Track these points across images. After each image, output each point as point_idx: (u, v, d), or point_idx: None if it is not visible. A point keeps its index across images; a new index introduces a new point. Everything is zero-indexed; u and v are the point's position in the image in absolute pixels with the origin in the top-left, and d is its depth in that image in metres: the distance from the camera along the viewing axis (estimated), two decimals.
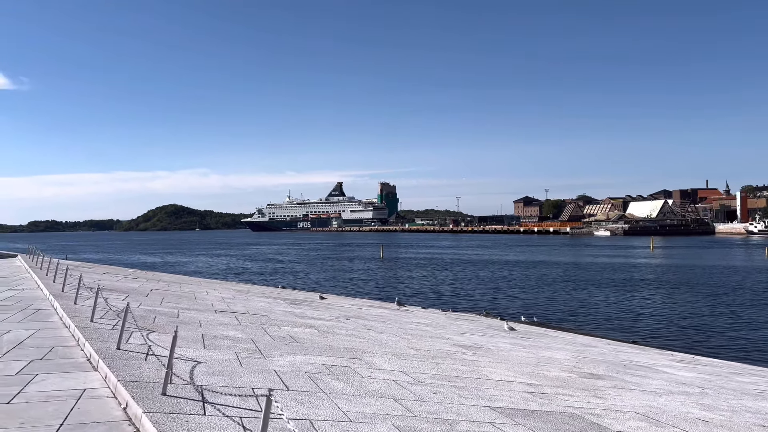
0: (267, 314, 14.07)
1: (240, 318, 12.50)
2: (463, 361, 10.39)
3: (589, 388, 9.28)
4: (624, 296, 34.88)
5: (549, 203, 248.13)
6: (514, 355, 12.40)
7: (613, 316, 28.19)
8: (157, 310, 11.94)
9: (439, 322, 18.78)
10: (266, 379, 6.70)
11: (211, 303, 15.21)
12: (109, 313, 10.26)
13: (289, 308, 16.62)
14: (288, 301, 19.22)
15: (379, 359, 9.31)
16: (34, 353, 7.52)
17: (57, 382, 6.18)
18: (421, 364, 9.28)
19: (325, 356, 8.86)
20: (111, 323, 9.47)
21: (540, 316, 27.27)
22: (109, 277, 20.00)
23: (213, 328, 10.46)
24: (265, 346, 9.07)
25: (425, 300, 32.85)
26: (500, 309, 30.01)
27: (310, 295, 25.27)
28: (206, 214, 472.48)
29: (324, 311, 17.27)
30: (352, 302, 24.01)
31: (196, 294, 17.49)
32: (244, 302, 16.84)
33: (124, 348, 7.49)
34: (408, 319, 18.59)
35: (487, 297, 34.85)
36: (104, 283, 17.31)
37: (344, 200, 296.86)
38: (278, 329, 11.44)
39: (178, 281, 22.67)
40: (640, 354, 16.94)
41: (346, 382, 7.12)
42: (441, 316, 21.74)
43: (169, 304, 13.41)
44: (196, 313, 12.44)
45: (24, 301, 12.42)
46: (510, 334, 17.74)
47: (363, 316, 17.49)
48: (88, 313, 10.22)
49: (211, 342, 8.83)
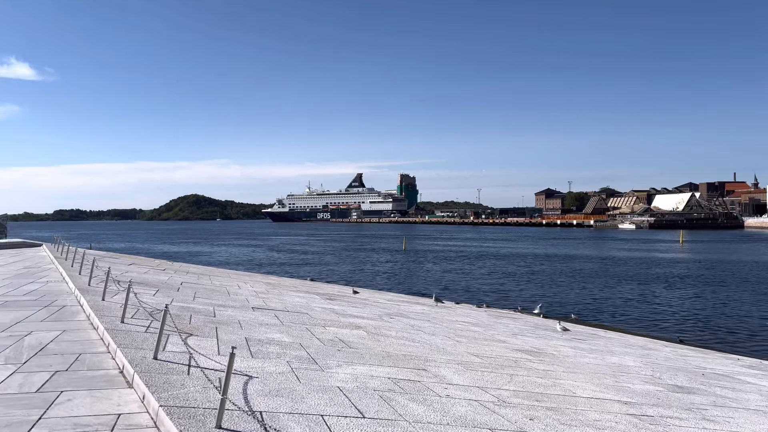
0: (306, 312, 12.99)
1: (280, 316, 11.42)
2: (535, 371, 9.19)
3: (689, 406, 8.03)
4: (658, 292, 33.32)
5: (571, 196, 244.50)
6: (582, 362, 11.16)
7: (650, 313, 26.80)
8: (191, 308, 10.90)
9: (483, 321, 17.57)
10: (333, 401, 5.56)
11: (246, 298, 14.18)
12: (140, 312, 9.23)
13: (327, 305, 15.53)
14: (323, 296, 18.15)
15: (446, 370, 8.15)
16: (59, 362, 6.48)
17: (86, 404, 5.11)
18: (494, 377, 8.09)
19: (387, 366, 7.72)
20: (144, 324, 8.42)
21: (577, 312, 25.98)
22: (137, 268, 19.09)
23: (255, 329, 9.38)
24: (318, 353, 7.95)
25: (454, 293, 31.66)
26: (531, 303, 28.72)
27: (341, 289, 24.19)
28: (227, 204, 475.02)
29: (363, 308, 16.15)
30: (386, 297, 22.88)
31: (228, 288, 16.48)
32: (278, 297, 15.79)
33: (161, 357, 6.41)
34: (451, 317, 17.40)
35: (517, 291, 33.54)
36: (132, 275, 16.39)
37: (364, 191, 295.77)
38: (324, 330, 10.33)
39: (207, 273, 21.73)
40: (707, 359, 15.59)
41: (424, 404, 5.96)
42: (482, 314, 20.52)
43: (202, 300, 12.38)
44: (233, 310, 11.38)
45: (48, 296, 11.46)
46: (563, 335, 16.47)
47: (404, 313, 16.34)
48: (117, 311, 9.20)
49: (258, 348, 7.73)
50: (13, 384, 5.62)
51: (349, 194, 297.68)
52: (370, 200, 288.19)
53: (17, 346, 7.19)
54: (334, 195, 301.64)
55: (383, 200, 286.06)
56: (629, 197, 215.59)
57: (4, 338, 7.59)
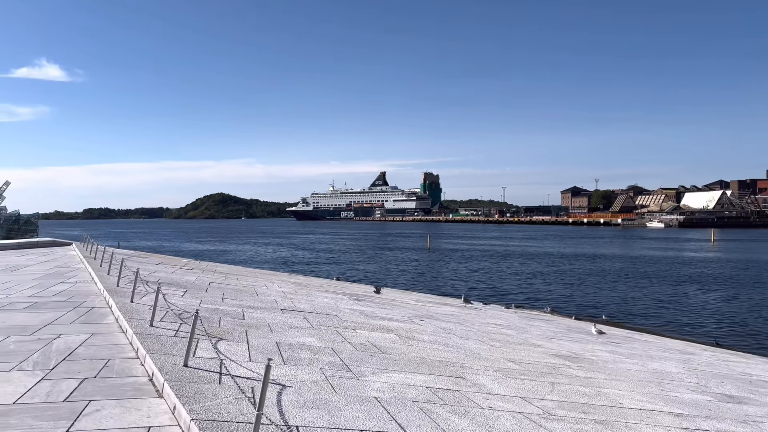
0: (336, 313, 12.72)
1: (309, 319, 11.17)
2: (576, 379, 8.78)
3: (744, 419, 7.55)
4: (690, 293, 32.45)
5: (598, 194, 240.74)
6: (623, 369, 10.71)
7: (683, 315, 26.10)
8: (220, 309, 10.71)
9: (515, 323, 17.13)
10: (371, 414, 5.26)
11: (274, 299, 13.97)
12: (169, 315, 9.05)
13: (356, 306, 15.26)
14: (350, 297, 17.88)
15: (484, 378, 7.80)
16: (87, 368, 6.29)
17: (115, 415, 4.89)
18: (535, 386, 7.72)
19: (423, 374, 7.40)
20: (173, 327, 8.23)
21: (607, 314, 25.40)
22: (164, 268, 19.06)
23: (285, 333, 9.14)
24: (351, 359, 7.67)
25: (482, 294, 31.23)
26: (560, 304, 28.18)
27: (368, 289, 23.92)
28: (252, 202, 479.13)
29: (391, 309, 15.85)
30: (414, 297, 22.55)
31: (256, 288, 16.31)
32: (306, 298, 15.57)
33: (192, 364, 6.18)
34: (481, 319, 17.00)
35: (546, 292, 32.95)
36: (159, 275, 16.32)
37: (387, 190, 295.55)
38: (355, 334, 10.05)
39: (234, 273, 21.63)
40: (750, 364, 14.95)
41: (467, 418, 5.63)
42: (512, 315, 20.06)
43: (231, 302, 12.19)
44: (262, 312, 11.17)
45: (77, 297, 11.38)
46: (599, 338, 15.96)
47: (434, 315, 16.00)
48: (146, 314, 9.04)
49: (290, 354, 7.47)
50: (41, 392, 5.44)
51: (373, 192, 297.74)
52: (393, 199, 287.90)
53: (45, 350, 7.05)
54: (358, 193, 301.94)
55: (407, 198, 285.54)
56: (657, 195, 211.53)
57: (33, 342, 7.46)
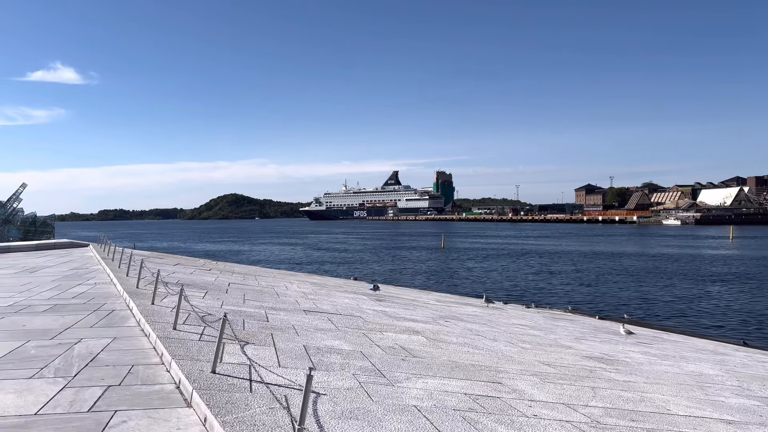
0: (359, 314, 12.40)
1: (333, 320, 10.86)
2: (615, 383, 8.38)
3: None
4: (712, 291, 31.78)
5: (613, 191, 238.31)
6: (660, 371, 10.28)
7: (706, 313, 25.53)
8: (243, 311, 10.42)
9: (540, 324, 16.71)
10: (413, 425, 4.93)
11: (295, 300, 13.68)
12: (192, 317, 8.77)
13: (378, 306, 14.93)
14: (371, 297, 17.56)
15: (522, 382, 7.43)
16: (111, 375, 6.01)
17: (143, 427, 4.59)
18: (576, 391, 7.34)
19: (459, 379, 7.05)
20: (196, 331, 7.94)
21: (629, 312, 24.93)
22: (182, 269, 18.85)
23: (311, 335, 8.82)
24: (383, 364, 7.33)
25: (501, 293, 30.82)
26: (580, 303, 27.69)
27: (388, 289, 23.59)
28: (265, 203, 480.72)
29: (414, 310, 15.50)
30: (435, 297, 22.18)
31: (276, 289, 16.04)
32: (327, 298, 15.27)
33: (220, 371, 5.88)
34: (506, 319, 16.61)
35: (565, 290, 32.45)
36: (178, 276, 16.09)
37: (400, 189, 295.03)
38: (381, 336, 9.71)
39: (252, 273, 21.39)
40: None
41: (512, 428, 5.28)
42: (536, 315, 19.63)
43: (252, 303, 11.91)
44: (285, 314, 10.87)
45: (97, 299, 11.15)
46: (627, 338, 15.50)
47: (458, 315, 15.62)
48: (168, 316, 8.77)
49: (319, 358, 7.16)
50: (64, 402, 5.16)
51: (386, 192, 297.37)
52: (406, 198, 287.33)
53: (67, 355, 6.78)
54: (371, 193, 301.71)
55: (419, 198, 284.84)
56: (673, 192, 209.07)
57: (54, 347, 7.20)
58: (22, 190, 69.94)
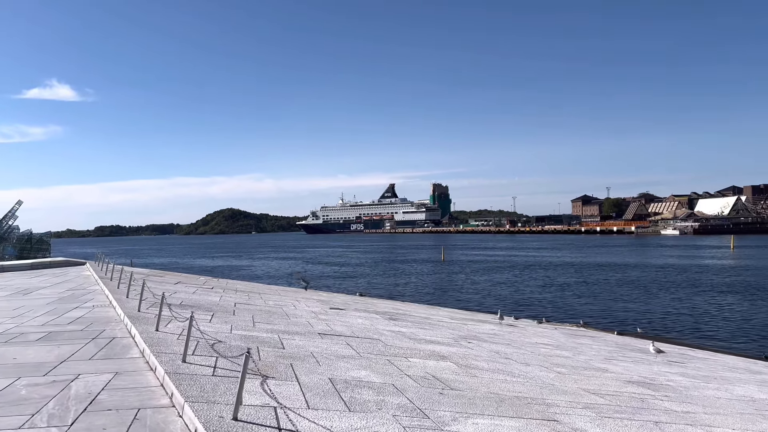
0: (377, 337, 11.54)
1: (353, 345, 9.99)
2: (674, 414, 7.54)
3: None
4: (721, 302, 31.00)
5: (609, 202, 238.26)
6: (710, 397, 9.44)
7: (720, 326, 24.70)
8: (254, 337, 9.56)
9: (562, 342, 15.86)
10: None
11: (307, 321, 12.81)
12: (202, 346, 7.91)
13: (394, 326, 14.06)
14: (383, 316, 16.69)
15: (578, 418, 6.58)
16: (113, 422, 5.14)
17: None
18: (639, 428, 6.48)
19: (511, 417, 6.20)
20: (209, 363, 7.08)
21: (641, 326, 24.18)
22: (184, 288, 17.96)
23: (333, 364, 7.97)
24: (420, 399, 6.48)
25: (508, 307, 30.06)
26: (591, 317, 26.87)
27: (396, 305, 22.73)
28: (262, 217, 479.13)
29: (431, 329, 14.64)
30: (445, 314, 21.30)
31: (284, 308, 15.16)
32: (339, 318, 14.40)
33: (243, 416, 5.02)
34: (526, 337, 15.74)
35: (571, 303, 31.73)
36: (181, 296, 15.22)
37: (396, 202, 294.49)
38: (408, 363, 8.86)
39: (256, 291, 20.51)
40: None
41: None
42: (554, 332, 18.77)
43: (263, 326, 11.04)
44: (301, 339, 10.00)
45: (95, 325, 10.27)
46: (657, 357, 14.66)
47: (477, 335, 14.76)
48: (175, 345, 7.91)
49: (350, 396, 6.29)
50: None
51: (382, 205, 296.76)
52: (403, 210, 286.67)
53: (62, 397, 5.92)
54: (367, 206, 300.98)
55: (416, 210, 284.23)
56: (670, 202, 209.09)
57: (48, 386, 6.33)
58: (18, 207, 68.91)
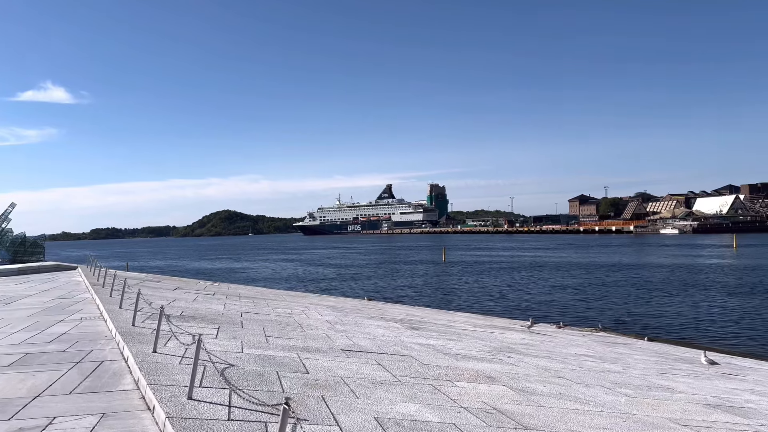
0: (407, 352, 10.07)
1: (385, 364, 8.52)
2: None
3: None
4: (740, 304, 29.56)
5: (607, 201, 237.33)
6: None
7: (742, 329, 23.25)
8: (271, 357, 8.06)
9: (600, 352, 14.40)
10: None
11: (324, 333, 11.33)
12: (209, 373, 6.42)
13: (419, 338, 12.60)
14: (402, 324, 15.22)
15: None
16: None
17: None
18: None
19: None
20: (221, 399, 5.59)
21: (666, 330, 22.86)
22: (184, 294, 16.44)
23: (372, 395, 6.49)
24: None
25: (520, 309, 28.67)
26: (606, 319, 25.49)
27: (409, 311, 21.26)
28: (259, 218, 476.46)
29: (460, 340, 13.18)
30: (464, 319, 19.83)
31: (295, 317, 13.68)
32: (357, 328, 12.93)
33: None
34: (563, 348, 14.29)
35: (583, 305, 30.31)
36: (181, 304, 13.72)
37: (394, 202, 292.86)
38: (456, 389, 7.40)
39: (261, 296, 19.01)
40: None
41: None
42: (585, 340, 17.33)
43: (278, 342, 9.55)
44: (324, 358, 8.51)
45: (81, 344, 8.75)
46: (711, 369, 13.23)
47: (511, 346, 13.29)
48: (177, 372, 6.42)
49: None
50: None
51: (379, 206, 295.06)
52: (400, 211, 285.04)
53: None
54: (364, 207, 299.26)
55: (413, 211, 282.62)
56: (668, 201, 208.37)
57: None
58: (11, 210, 67.30)
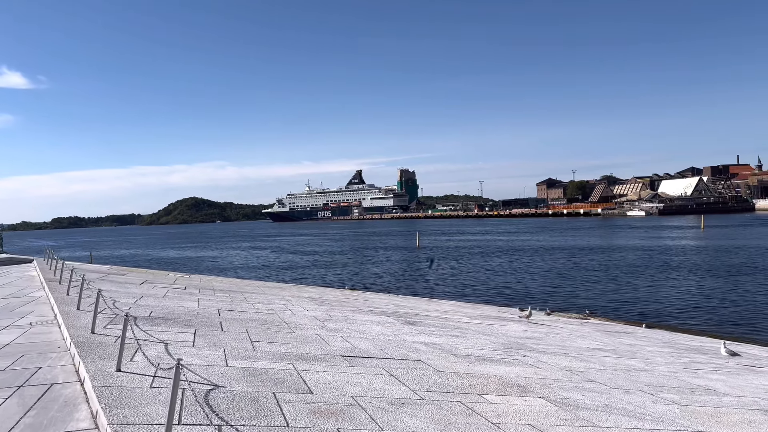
0: (415, 356, 8.80)
1: (396, 373, 7.23)
2: None
3: None
4: (722, 285, 29.19)
5: (573, 185, 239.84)
6: None
7: (734, 312, 22.73)
8: (262, 370, 6.67)
9: (610, 344, 13.39)
10: None
11: (316, 334, 9.97)
12: (189, 401, 5.03)
13: (420, 335, 11.35)
14: (398, 319, 13.96)
15: None
16: None
17: None
18: None
19: None
20: None
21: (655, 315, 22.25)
22: (152, 289, 14.84)
23: (396, 421, 5.19)
24: None
25: (501, 295, 27.88)
26: (592, 304, 24.84)
27: (395, 300, 20.03)
28: (226, 206, 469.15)
29: (464, 337, 11.98)
30: (452, 308, 18.67)
31: (279, 313, 12.28)
32: (350, 325, 11.62)
33: None
34: (571, 341, 13.22)
35: (566, 289, 29.71)
36: (149, 301, 12.19)
37: (364, 188, 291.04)
38: (490, 407, 6.16)
39: (237, 289, 17.51)
40: None
41: None
42: (585, 329, 16.35)
43: (266, 348, 8.16)
44: (324, 368, 7.16)
45: (27, 359, 7.21)
46: (732, 360, 12.34)
47: (519, 342, 12.15)
48: (149, 401, 5.01)
49: None
50: None
51: (350, 191, 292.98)
52: (370, 197, 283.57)
53: None
54: (335, 193, 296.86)
55: (384, 196, 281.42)
56: (633, 184, 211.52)
57: None
58: None
